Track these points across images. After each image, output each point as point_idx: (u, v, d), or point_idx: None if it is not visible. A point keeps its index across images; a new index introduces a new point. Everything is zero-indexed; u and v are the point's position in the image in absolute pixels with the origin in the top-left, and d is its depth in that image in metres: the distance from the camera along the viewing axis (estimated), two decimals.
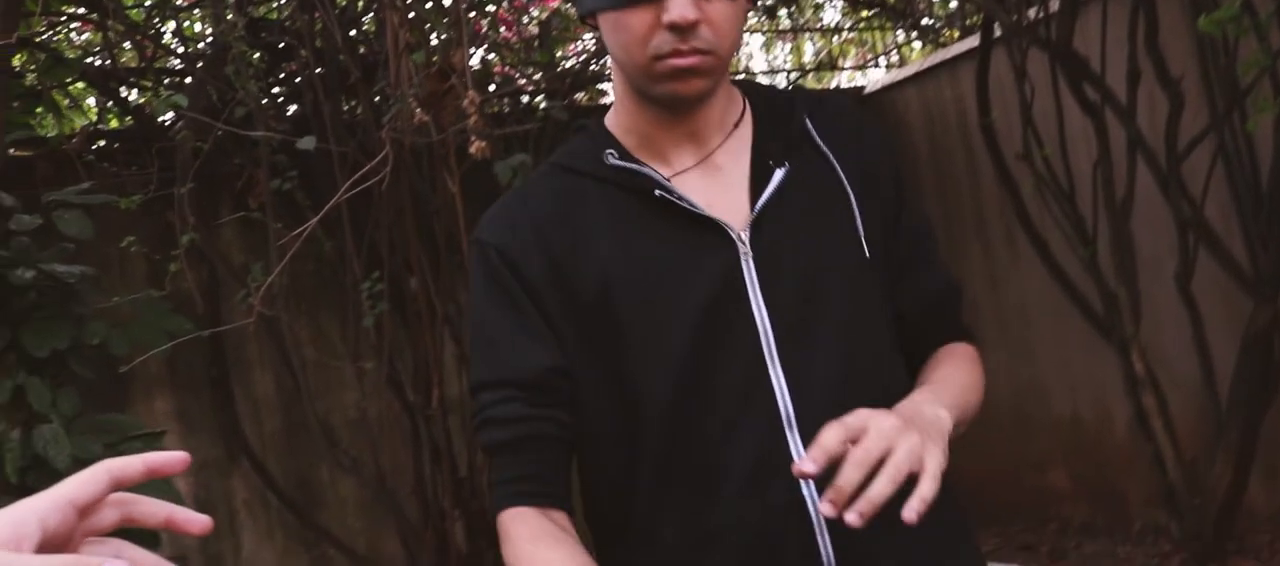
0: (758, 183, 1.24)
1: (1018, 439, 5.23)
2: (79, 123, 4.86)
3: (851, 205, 1.25)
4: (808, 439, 1.06)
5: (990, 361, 1.35)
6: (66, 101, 4.74)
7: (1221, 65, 4.01)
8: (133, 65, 4.78)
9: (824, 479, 1.02)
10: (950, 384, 1.23)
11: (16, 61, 3.90)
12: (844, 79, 7.02)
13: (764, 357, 1.19)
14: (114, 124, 4.94)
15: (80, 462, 3.63)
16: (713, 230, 1.21)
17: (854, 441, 1.01)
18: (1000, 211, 5.13)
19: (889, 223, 1.29)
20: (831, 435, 1.01)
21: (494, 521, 1.23)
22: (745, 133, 1.28)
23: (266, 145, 3.72)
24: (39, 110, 4.43)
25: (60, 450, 3.58)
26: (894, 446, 1.00)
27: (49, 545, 0.72)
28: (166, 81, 4.59)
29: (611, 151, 1.26)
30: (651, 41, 1.17)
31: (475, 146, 2.52)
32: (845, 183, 1.26)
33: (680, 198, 1.21)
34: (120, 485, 0.77)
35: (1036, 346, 5.19)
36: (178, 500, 3.19)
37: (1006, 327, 5.26)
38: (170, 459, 0.79)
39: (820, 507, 1.00)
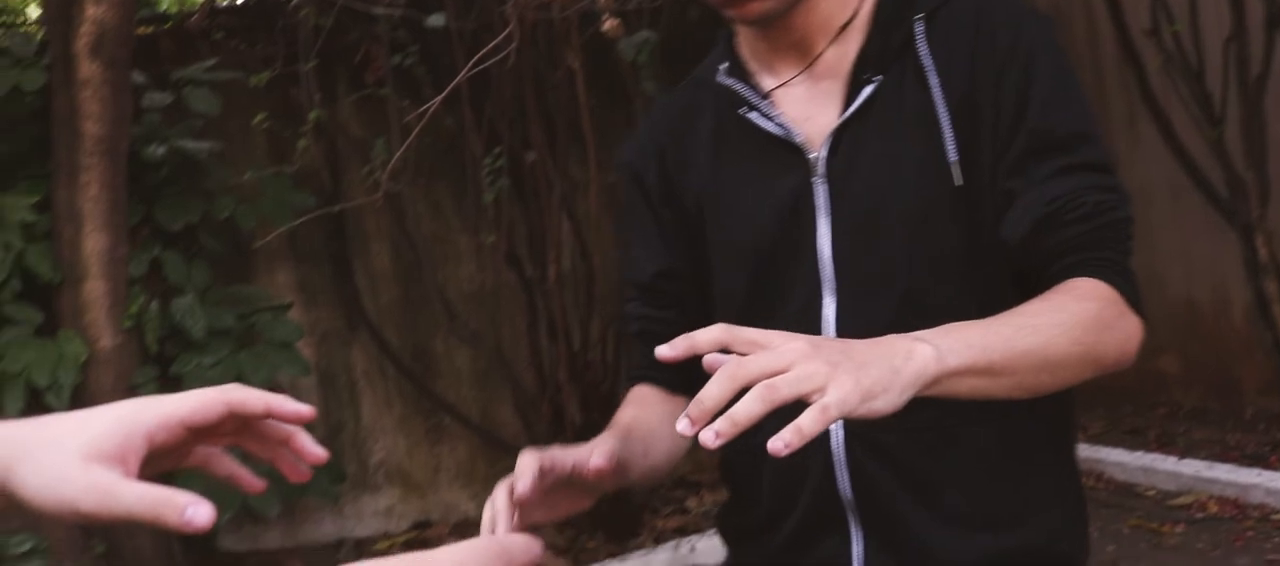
0: (851, 97, 1.17)
1: None
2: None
3: (941, 129, 1.13)
4: None
5: None
6: None
7: None
8: None
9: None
10: (1005, 321, 1.02)
11: None
12: None
13: (820, 287, 1.17)
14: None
15: (214, 333, 3.77)
16: (791, 151, 1.18)
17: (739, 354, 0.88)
18: (1122, 89, 4.98)
19: (1004, 135, 1.13)
20: (708, 334, 0.89)
21: (611, 396, 1.34)
22: (857, 37, 1.19)
23: (386, 21, 3.73)
24: None
25: (196, 321, 3.72)
26: (788, 368, 0.85)
27: (154, 457, 0.75)
28: None
29: (725, 64, 1.25)
30: None
31: (610, 24, 2.51)
32: (938, 103, 1.14)
33: (764, 116, 1.19)
34: (237, 414, 0.79)
35: (1155, 230, 5.07)
36: (306, 372, 3.30)
37: None
38: (291, 410, 0.80)
39: (677, 425, 0.85)
